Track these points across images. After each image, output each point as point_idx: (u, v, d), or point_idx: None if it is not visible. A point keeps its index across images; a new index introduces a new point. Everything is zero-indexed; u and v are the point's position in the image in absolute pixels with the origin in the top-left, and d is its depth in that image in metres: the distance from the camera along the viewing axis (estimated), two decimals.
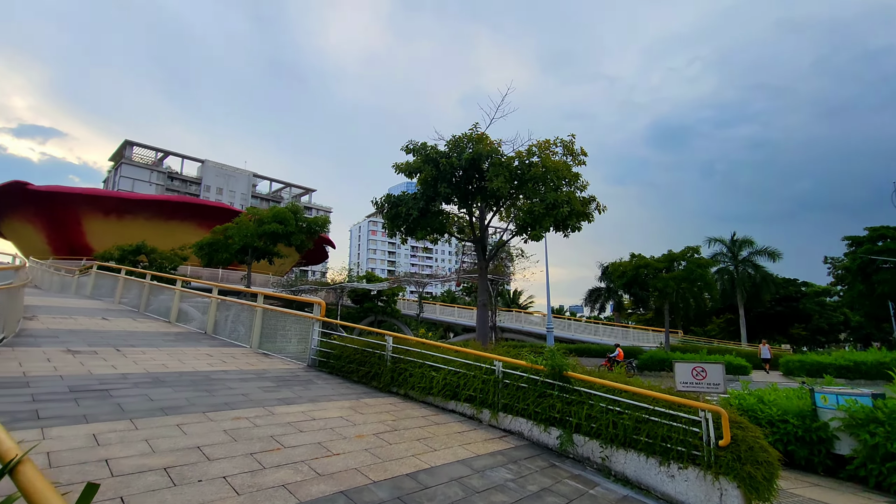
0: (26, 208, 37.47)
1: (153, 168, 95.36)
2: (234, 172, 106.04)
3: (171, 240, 33.78)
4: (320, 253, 57.29)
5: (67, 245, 38.05)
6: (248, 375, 7.17)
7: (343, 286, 34.02)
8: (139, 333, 10.16)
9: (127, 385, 5.74)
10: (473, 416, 6.13)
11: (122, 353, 7.75)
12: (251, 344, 9.95)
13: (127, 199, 39.98)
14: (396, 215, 12.29)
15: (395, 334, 7.70)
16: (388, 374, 7.23)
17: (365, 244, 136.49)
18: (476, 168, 11.42)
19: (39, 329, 9.15)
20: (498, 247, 13.90)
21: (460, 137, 11.82)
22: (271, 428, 4.73)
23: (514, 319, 37.38)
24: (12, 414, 4.27)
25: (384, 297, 40.00)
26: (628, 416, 4.86)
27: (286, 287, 36.78)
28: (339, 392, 6.79)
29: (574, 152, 12.37)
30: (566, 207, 10.93)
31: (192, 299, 13.07)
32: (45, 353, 7.04)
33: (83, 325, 10.21)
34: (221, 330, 11.28)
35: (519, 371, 6.02)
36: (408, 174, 12.18)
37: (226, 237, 22.42)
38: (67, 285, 19.69)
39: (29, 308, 11.99)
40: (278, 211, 23.46)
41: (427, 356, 7.07)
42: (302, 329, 9.44)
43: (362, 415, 5.69)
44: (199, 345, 9.64)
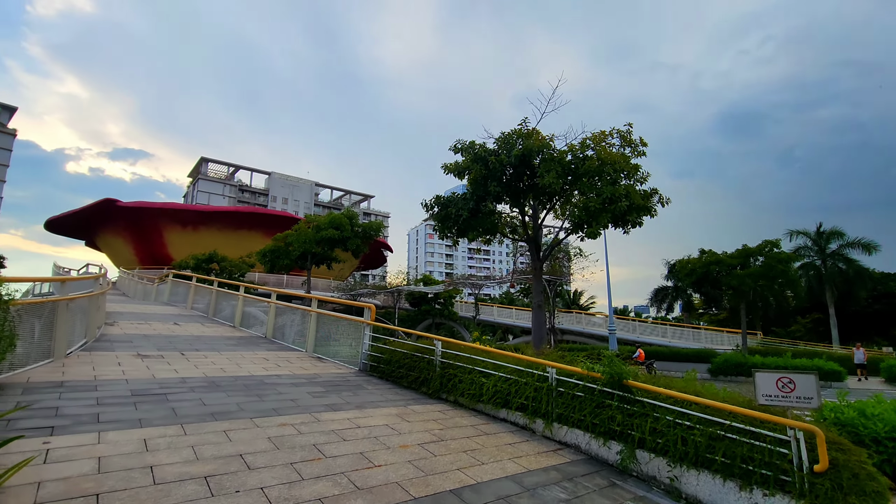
0: (116, 223, 41.37)
1: (226, 182, 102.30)
2: (298, 182, 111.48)
3: (239, 248, 35.87)
4: (378, 257, 58.58)
5: (151, 255, 41.53)
6: (299, 380, 7.23)
7: (400, 289, 34.46)
8: (205, 338, 10.67)
9: (184, 389, 5.93)
10: (526, 426, 5.77)
11: (185, 358, 8.12)
12: (306, 348, 10.14)
13: (201, 212, 43.02)
14: (446, 217, 12.12)
15: (443, 338, 7.49)
16: (436, 380, 7.02)
17: (423, 248, 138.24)
18: (526, 164, 10.99)
19: (117, 334, 9.83)
20: (552, 246, 13.34)
21: (509, 134, 11.43)
22: (315, 436, 4.65)
23: (575, 321, 36.12)
24: (76, 417, 4.48)
25: (441, 299, 40.11)
26: (700, 431, 4.31)
27: (346, 291, 37.85)
28: (387, 398, 6.67)
29: (632, 142, 11.59)
30: (625, 201, 10.22)
31: (253, 305, 13.60)
32: (117, 358, 7.49)
33: (156, 331, 10.89)
34: (279, 334, 11.62)
35: (574, 378, 5.58)
36: (457, 174, 11.97)
37: (286, 244, 23.41)
38: (149, 293, 21.33)
39: (111, 314, 13.02)
40: (334, 217, 24.15)
41: (477, 361, 6.78)
42: (354, 333, 9.48)
43: (408, 423, 5.50)
44: (258, 349, 9.94)
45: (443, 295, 39.31)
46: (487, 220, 12.23)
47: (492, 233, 12.95)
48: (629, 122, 11.51)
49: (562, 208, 13.65)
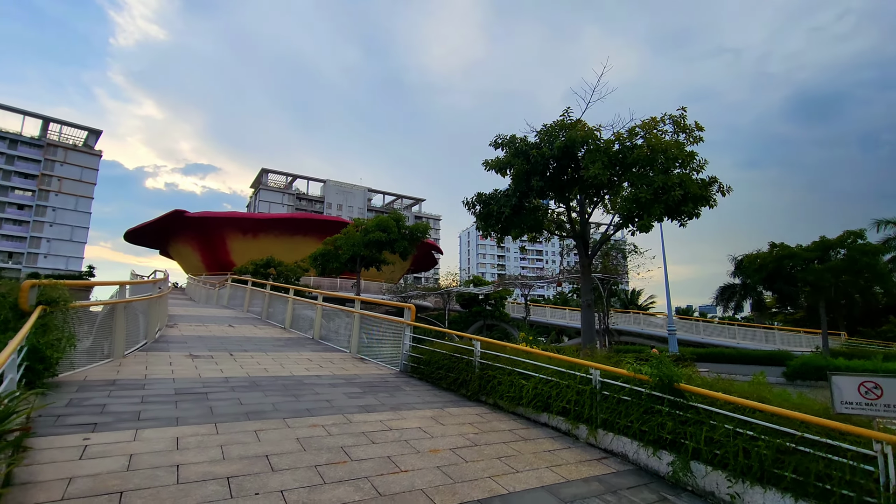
0: (185, 232, 44.37)
1: (284, 191, 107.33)
2: (352, 189, 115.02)
3: (295, 253, 37.29)
4: (429, 260, 59.02)
5: (216, 262, 44.15)
6: (338, 381, 7.22)
7: (449, 291, 34.41)
8: (255, 339, 11.01)
9: (225, 389, 6.05)
10: (568, 431, 5.38)
11: (233, 358, 8.36)
12: (350, 349, 10.20)
13: (259, 219, 45.23)
14: (488, 214, 11.83)
15: (482, 338, 7.22)
16: (475, 382, 6.77)
17: (474, 249, 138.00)
18: (570, 156, 10.48)
19: (175, 336, 10.35)
20: (602, 242, 12.66)
21: (551, 126, 10.97)
22: (344, 438, 4.55)
23: (632, 321, 34.49)
24: (118, 414, 4.64)
25: (492, 300, 39.69)
26: (765, 443, 3.78)
27: (396, 293, 38.36)
28: (425, 400, 6.50)
29: (686, 128, 10.76)
30: (678, 191, 9.46)
31: (302, 307, 13.94)
32: (169, 358, 7.83)
33: (211, 332, 11.38)
34: (325, 335, 11.80)
35: (620, 381, 5.14)
36: (498, 170, 11.65)
37: (335, 247, 24.00)
38: (211, 297, 22.57)
39: (173, 317, 13.79)
40: (381, 220, 24.49)
41: (517, 362, 6.47)
42: (395, 334, 9.41)
43: (442, 426, 5.29)
44: (303, 350, 10.12)
45: (493, 296, 38.87)
46: (531, 216, 11.81)
47: (536, 230, 12.49)
48: (683, 106, 10.72)
49: (612, 203, 12.95)
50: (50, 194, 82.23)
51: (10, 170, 78.94)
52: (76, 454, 3.61)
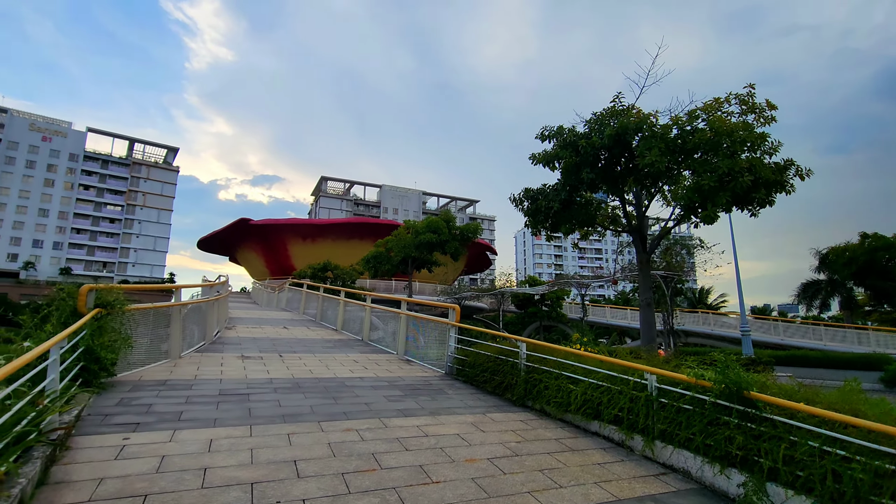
0: (250, 239, 46.93)
1: (342, 197, 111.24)
2: (407, 193, 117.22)
3: (351, 257, 38.26)
4: (483, 260, 58.63)
5: (279, 266, 46.30)
6: (380, 383, 7.10)
7: (503, 291, 33.84)
8: (306, 341, 11.21)
9: (268, 390, 6.09)
10: (621, 442, 4.89)
11: (281, 359, 8.50)
12: (397, 350, 10.11)
13: (317, 225, 46.96)
14: (537, 210, 11.33)
15: (527, 340, 6.82)
16: (521, 386, 6.39)
17: (530, 249, 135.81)
18: (622, 145, 9.77)
19: (231, 337, 10.74)
20: (661, 236, 11.75)
21: (601, 114, 10.30)
22: (376, 444, 4.36)
23: (701, 321, 32.24)
24: (161, 415, 4.73)
25: (548, 301, 38.65)
26: (860, 464, 3.15)
27: (450, 295, 38.27)
28: (467, 404, 6.20)
29: (756, 108, 9.71)
30: (747, 176, 8.50)
31: (353, 309, 14.10)
32: (222, 359, 8.07)
33: (265, 334, 11.73)
34: (374, 337, 11.82)
35: (679, 388, 4.59)
36: (546, 164, 11.13)
37: (387, 250, 24.28)
38: (271, 300, 23.55)
39: (233, 319, 14.42)
40: (431, 221, 24.48)
41: (565, 365, 6.02)
42: (441, 336, 9.19)
43: (483, 433, 4.98)
44: (351, 351, 10.15)
45: (549, 296, 37.81)
46: (583, 211, 11.17)
47: (589, 225, 11.81)
48: (750, 83, 9.68)
49: (672, 193, 12.00)
50: (136, 208, 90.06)
51: (103, 187, 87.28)
52: (113, 454, 3.66)
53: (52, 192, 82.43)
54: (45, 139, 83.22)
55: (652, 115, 10.12)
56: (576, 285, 32.81)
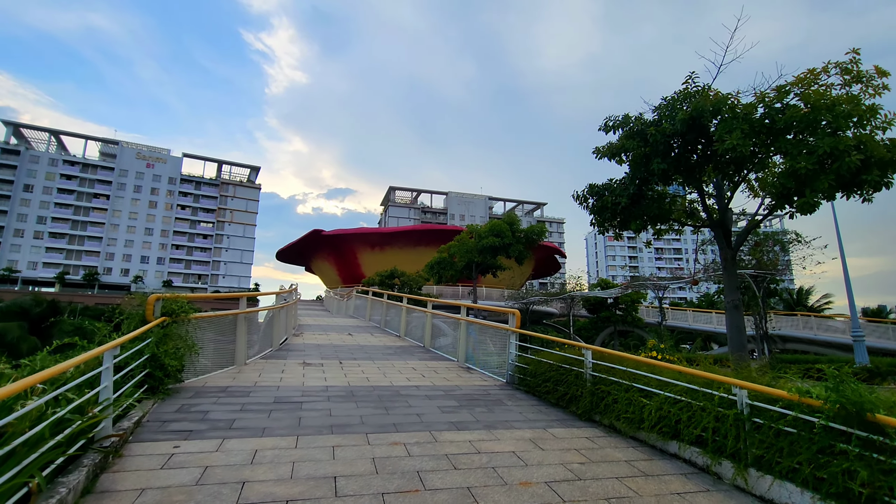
0: (323, 249, 49.15)
1: (410, 206, 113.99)
2: (473, 199, 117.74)
3: (418, 263, 38.69)
4: (551, 263, 56.98)
5: (350, 275, 47.99)
6: (436, 392, 6.81)
7: (573, 295, 32.46)
8: (368, 347, 11.24)
9: (321, 398, 6.01)
10: (707, 467, 4.19)
11: (341, 366, 8.50)
12: (458, 358, 9.80)
13: (384, 233, 48.15)
14: (603, 207, 10.52)
15: (593, 347, 6.21)
16: (587, 398, 5.80)
17: (602, 251, 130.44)
18: (698, 129, 8.76)
19: (297, 344, 11.01)
20: (748, 230, 10.41)
21: (672, 98, 9.33)
22: (423, 460, 4.05)
23: (801, 325, 28.83)
24: (214, 422, 4.76)
25: (622, 304, 36.60)
26: None
27: (518, 300, 37.44)
28: (526, 417, 5.73)
29: (861, 76, 8.32)
30: (856, 155, 7.23)
31: (415, 315, 14.02)
32: (284, 366, 8.21)
33: (329, 341, 11.93)
34: (436, 344, 11.62)
35: (778, 406, 3.84)
36: (611, 157, 10.33)
37: (450, 255, 24.13)
38: (341, 308, 24.28)
39: (301, 326, 14.89)
40: (494, 224, 24.01)
41: (636, 376, 5.37)
42: (504, 342, 8.76)
43: (542, 451, 4.50)
44: (411, 358, 9.99)
45: (623, 300, 35.76)
46: (654, 205, 10.19)
47: (662, 220, 10.76)
48: (854, 48, 8.29)
49: (760, 181, 10.66)
50: (225, 224, 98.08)
51: (197, 207, 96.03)
52: (160, 462, 3.66)
53: (155, 212, 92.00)
54: (149, 165, 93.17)
55: (732, 96, 9.02)
56: (652, 287, 30.70)
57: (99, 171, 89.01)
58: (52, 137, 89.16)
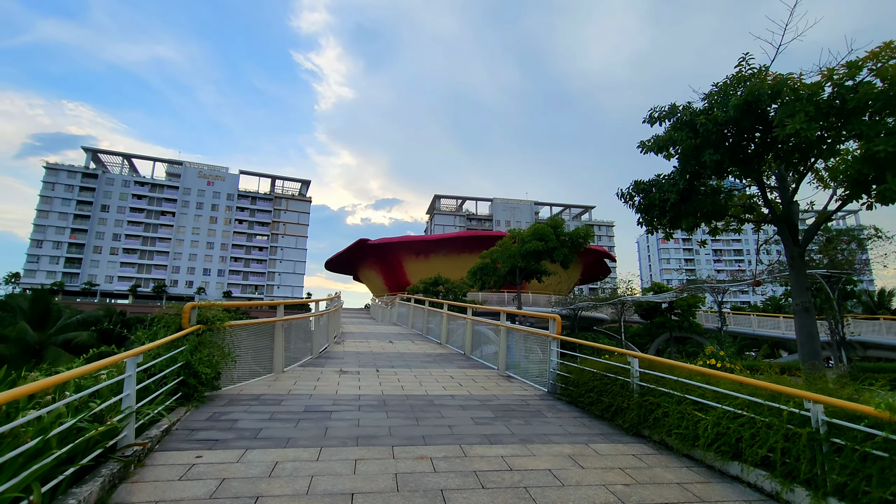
0: (369, 258, 50.02)
1: (455, 213, 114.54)
2: (518, 204, 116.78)
3: (462, 270, 38.49)
4: (601, 268, 55.09)
5: (395, 283, 48.50)
6: (471, 402, 6.50)
7: (623, 300, 31.04)
8: (407, 355, 11.08)
9: (352, 408, 5.86)
10: (775, 494, 3.63)
11: (377, 374, 8.36)
12: (498, 366, 9.44)
13: (428, 241, 48.36)
14: (650, 205, 9.84)
15: (640, 354, 5.70)
16: (633, 411, 5.30)
17: (655, 254, 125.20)
18: (754, 115, 7.96)
19: (336, 352, 11.03)
20: (818, 223, 9.34)
21: (724, 84, 8.57)
22: (449, 477, 3.76)
23: (885, 330, 26.02)
24: (241, 432, 4.69)
25: (678, 309, 34.63)
26: None
27: (565, 306, 36.33)
28: (567, 431, 5.30)
29: None
30: None
31: (456, 322, 13.75)
32: (320, 373, 8.17)
33: (369, 348, 11.87)
34: (476, 351, 11.30)
35: (863, 425, 3.26)
36: (658, 151, 9.65)
37: (492, 261, 23.69)
38: (384, 315, 24.41)
39: (344, 334, 14.99)
40: (537, 228, 23.36)
41: (690, 387, 4.84)
42: (544, 349, 8.32)
43: (581, 469, 4.09)
44: (450, 366, 9.71)
45: (679, 304, 33.82)
46: (707, 201, 9.39)
47: (717, 217, 9.91)
48: None
49: (831, 170, 9.59)
50: (278, 237, 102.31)
51: (253, 220, 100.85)
52: (179, 473, 3.59)
53: (215, 227, 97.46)
54: (209, 183, 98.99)
55: (793, 77, 8.15)
56: (709, 290, 28.79)
57: (165, 190, 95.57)
58: (124, 161, 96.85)
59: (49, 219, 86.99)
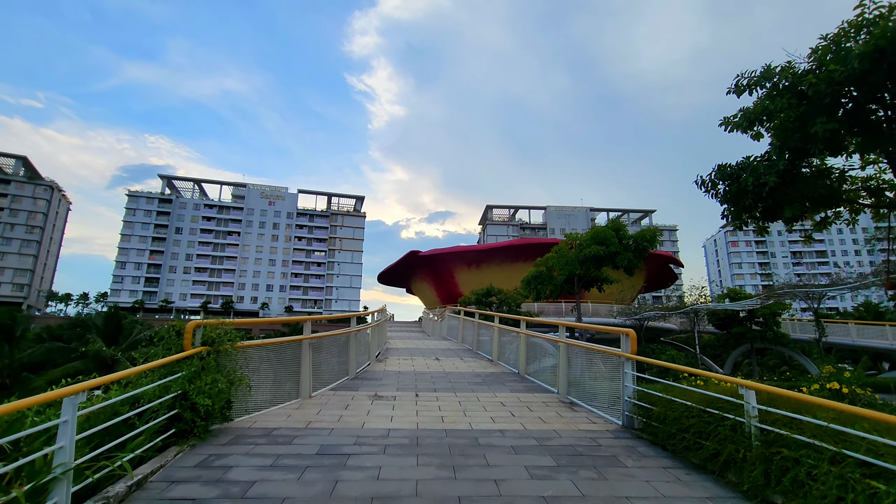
0: (420, 270, 49.42)
1: (508, 223, 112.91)
2: (573, 211, 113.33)
3: (515, 280, 36.81)
4: (666, 274, 51.26)
5: (448, 294, 47.49)
6: (525, 442, 5.17)
7: (697, 308, 28.06)
8: (454, 375, 9.87)
9: (376, 450, 4.73)
10: None
11: (416, 400, 7.22)
12: (558, 389, 8.02)
13: (480, 250, 47.06)
14: (740, 192, 8.07)
15: (755, 385, 4.17)
16: (755, 466, 3.78)
17: (724, 259, 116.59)
18: (889, 65, 6.13)
19: (376, 371, 10.01)
20: None
21: (837, 34, 6.78)
22: None
23: None
24: (227, 487, 3.67)
25: (759, 318, 31.02)
26: None
27: (629, 316, 33.65)
28: (659, 492, 3.86)
29: None
30: None
31: (509, 336, 12.38)
32: (351, 399, 7.14)
33: (413, 367, 10.78)
34: (531, 370, 9.91)
35: None
36: (747, 128, 7.93)
37: (548, 269, 22.02)
38: (435, 329, 23.35)
39: (389, 350, 14.03)
40: (597, 231, 21.43)
41: (846, 437, 3.30)
42: (614, 370, 6.84)
43: None
44: (502, 389, 8.40)
45: (760, 312, 30.23)
46: (816, 184, 7.54)
47: (826, 203, 7.96)
48: None
49: None
50: (335, 252, 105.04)
51: (311, 237, 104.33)
52: None
53: (276, 245, 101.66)
54: (271, 203, 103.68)
55: None
56: (802, 296, 25.33)
57: (231, 211, 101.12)
58: (195, 186, 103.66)
59: (130, 242, 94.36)
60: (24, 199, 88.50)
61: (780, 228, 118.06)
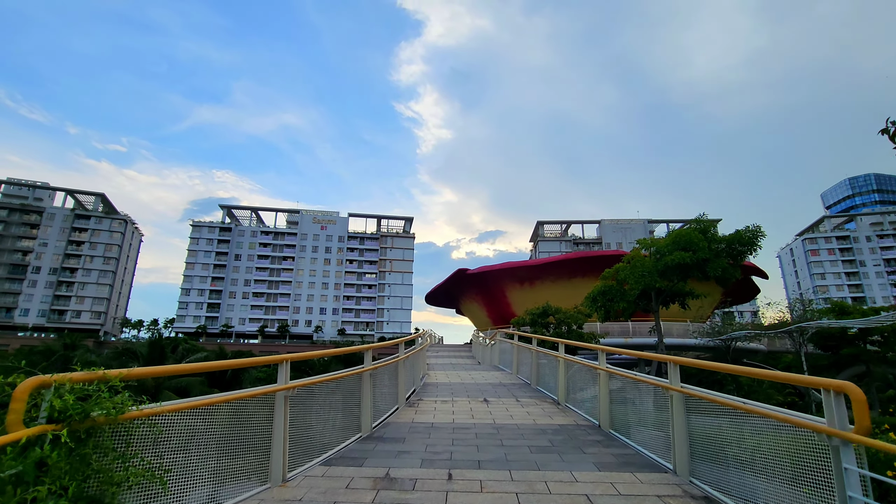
0: (469, 289, 46.64)
1: (560, 238, 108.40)
2: (629, 224, 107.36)
3: (573, 298, 33.21)
4: (747, 287, 45.43)
5: (499, 314, 44.30)
6: None
7: (801, 326, 23.36)
8: (506, 430, 7.10)
9: None
10: None
11: (447, 488, 4.55)
12: (674, 463, 5.06)
13: (533, 266, 43.70)
14: None
15: None
16: None
17: (804, 269, 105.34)
18: None
19: (400, 425, 7.41)
20: None
21: None
22: None
23: None
24: None
25: (877, 336, 25.70)
26: None
27: (712, 336, 29.14)
28: None
29: None
30: None
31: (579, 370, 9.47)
32: (346, 485, 4.57)
33: (451, 417, 8.09)
34: (572, 400, 7.05)
35: None
36: None
37: (618, 282, 18.70)
38: (485, 355, 20.48)
39: (427, 386, 11.42)
40: (681, 234, 17.80)
41: None
42: (789, 446, 3.87)
43: None
44: (581, 463, 5.52)
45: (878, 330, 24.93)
46: None
47: None
48: None
49: None
50: (385, 274, 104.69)
51: (362, 260, 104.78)
52: None
53: (329, 268, 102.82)
54: (323, 228, 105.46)
55: None
56: None
57: (286, 237, 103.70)
58: (252, 214, 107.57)
59: (194, 269, 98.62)
60: (102, 233, 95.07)
61: (868, 234, 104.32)
